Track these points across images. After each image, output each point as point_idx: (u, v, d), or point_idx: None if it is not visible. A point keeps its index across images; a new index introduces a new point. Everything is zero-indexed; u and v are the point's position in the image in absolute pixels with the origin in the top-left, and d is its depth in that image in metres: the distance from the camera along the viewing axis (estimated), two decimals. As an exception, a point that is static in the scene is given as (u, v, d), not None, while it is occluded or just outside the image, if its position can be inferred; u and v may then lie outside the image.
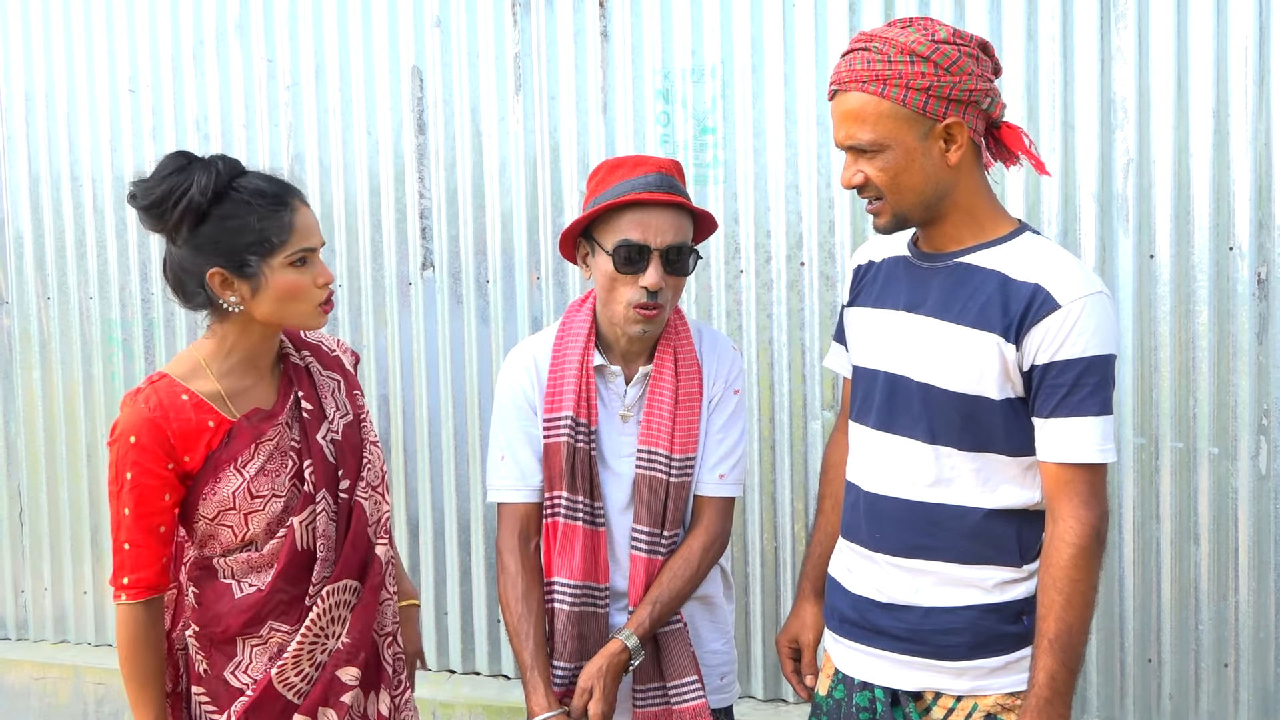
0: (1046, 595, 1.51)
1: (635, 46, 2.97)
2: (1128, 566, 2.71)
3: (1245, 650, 2.66)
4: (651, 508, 1.77)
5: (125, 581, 1.62)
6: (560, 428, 1.75)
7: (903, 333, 1.62)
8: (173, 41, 3.34)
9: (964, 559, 1.58)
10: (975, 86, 1.51)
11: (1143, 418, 2.67)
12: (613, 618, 1.79)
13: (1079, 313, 1.48)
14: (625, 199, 1.71)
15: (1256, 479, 2.62)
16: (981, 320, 1.53)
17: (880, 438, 1.64)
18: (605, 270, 1.74)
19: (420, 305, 3.18)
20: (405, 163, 3.17)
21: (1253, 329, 2.59)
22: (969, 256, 1.58)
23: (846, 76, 1.54)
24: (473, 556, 3.20)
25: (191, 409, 1.61)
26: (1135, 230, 2.65)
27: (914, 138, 1.52)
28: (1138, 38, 2.62)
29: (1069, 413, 1.49)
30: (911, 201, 1.56)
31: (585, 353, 1.76)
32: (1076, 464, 1.49)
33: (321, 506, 1.68)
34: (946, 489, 1.58)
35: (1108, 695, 2.75)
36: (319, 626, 1.67)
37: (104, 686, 3.42)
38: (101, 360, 3.49)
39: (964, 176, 1.57)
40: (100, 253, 3.47)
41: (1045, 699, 1.48)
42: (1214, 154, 2.59)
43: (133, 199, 1.57)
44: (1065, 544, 1.49)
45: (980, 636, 1.57)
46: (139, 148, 3.40)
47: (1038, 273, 1.52)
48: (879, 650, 1.64)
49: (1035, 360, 1.50)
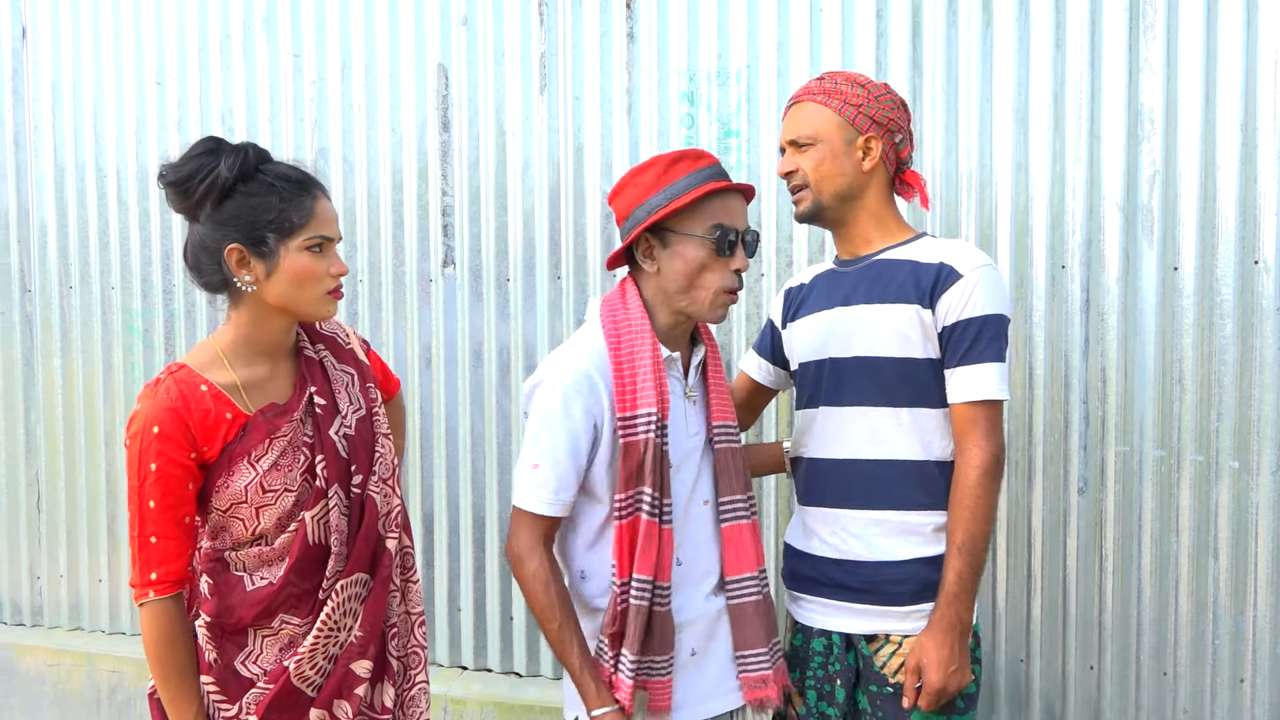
0: (955, 511, 1.83)
1: (661, 48, 2.97)
2: (1145, 579, 2.70)
3: (1261, 666, 2.64)
4: (737, 477, 1.87)
5: (153, 577, 1.61)
6: (640, 425, 1.73)
7: (840, 323, 1.95)
8: (200, 35, 3.35)
9: (905, 505, 1.89)
10: (893, 118, 1.94)
11: (1164, 430, 2.67)
12: (697, 607, 1.81)
13: (976, 280, 1.85)
14: (716, 186, 1.74)
15: (1277, 494, 2.60)
16: (900, 295, 1.88)
17: (830, 412, 1.95)
18: (695, 257, 1.76)
19: (441, 302, 3.19)
20: (429, 160, 3.18)
21: (1277, 343, 2.58)
22: (883, 255, 1.96)
23: (801, 93, 1.98)
24: (487, 554, 3.20)
25: (211, 399, 1.62)
26: (1160, 242, 2.64)
27: (840, 140, 1.92)
28: (1166, 49, 2.62)
29: (973, 360, 1.84)
30: (829, 190, 1.93)
31: (655, 347, 1.76)
32: (980, 400, 1.83)
33: (334, 501, 1.69)
34: (888, 445, 1.89)
35: (1121, 707, 2.74)
36: (334, 620, 1.69)
37: (117, 674, 3.43)
38: (121, 350, 3.51)
39: (875, 186, 1.95)
40: (123, 243, 3.48)
41: (954, 593, 1.81)
42: (1241, 167, 2.58)
43: (161, 176, 1.61)
44: (971, 468, 1.82)
45: (921, 585, 1.88)
46: (164, 140, 3.41)
47: (940, 254, 1.90)
48: (838, 602, 1.94)
49: (945, 321, 1.86)
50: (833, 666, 1.94)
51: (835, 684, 1.92)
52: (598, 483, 1.78)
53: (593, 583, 1.82)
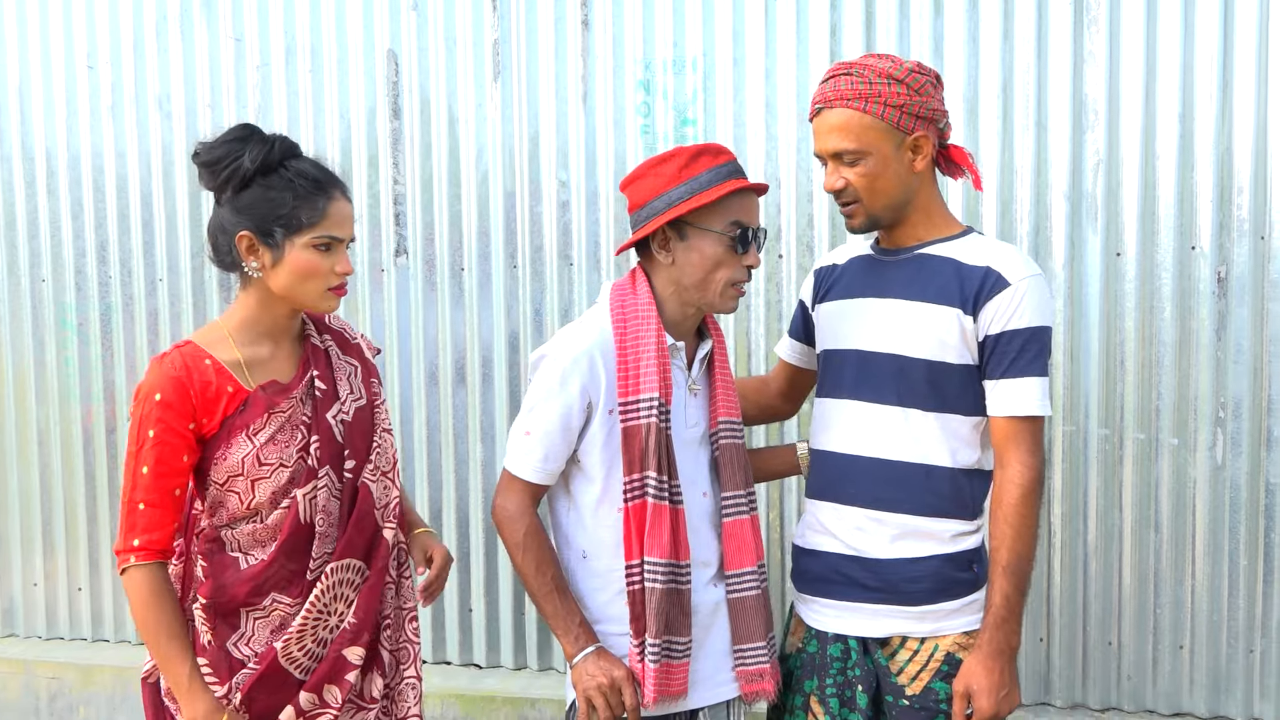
0: (999, 529, 1.76)
1: (616, 36, 2.97)
2: (1091, 553, 2.81)
3: (1200, 632, 2.78)
4: (739, 473, 1.88)
5: (136, 543, 1.65)
6: (643, 409, 1.77)
7: (873, 315, 1.87)
8: (134, 16, 3.23)
9: (927, 512, 1.82)
10: (936, 107, 1.81)
11: (1107, 410, 2.77)
12: (696, 594, 1.82)
13: (1025, 290, 1.77)
14: (740, 184, 1.78)
15: (1213, 469, 2.73)
16: (942, 297, 1.80)
17: (854, 406, 1.87)
18: (711, 251, 1.79)
19: (393, 292, 3.15)
20: (379, 147, 3.12)
21: (1212, 326, 2.70)
22: (926, 249, 1.86)
23: (832, 95, 1.80)
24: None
25: (213, 373, 1.69)
26: (1103, 229, 2.74)
27: (889, 148, 1.79)
28: (1109, 41, 2.71)
29: (1017, 374, 1.77)
30: (884, 204, 1.82)
31: (660, 334, 1.80)
32: (1023, 416, 1.77)
33: (324, 482, 1.74)
34: (915, 447, 1.81)
35: (1070, 677, 2.85)
36: (323, 603, 1.73)
37: (57, 681, 3.32)
38: (55, 345, 3.38)
39: (925, 183, 1.84)
40: (54, 234, 3.35)
41: (1002, 617, 1.75)
42: (1179, 157, 2.69)
43: (196, 155, 1.71)
44: (1015, 485, 1.76)
45: (940, 582, 1.82)
46: (97, 126, 3.29)
47: (987, 258, 1.80)
48: (851, 602, 1.86)
49: (989, 330, 1.78)
50: (853, 672, 1.84)
51: (857, 689, 1.82)
52: (589, 460, 1.83)
53: (594, 562, 1.85)
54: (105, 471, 3.37)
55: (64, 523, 3.43)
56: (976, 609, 1.83)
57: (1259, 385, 2.70)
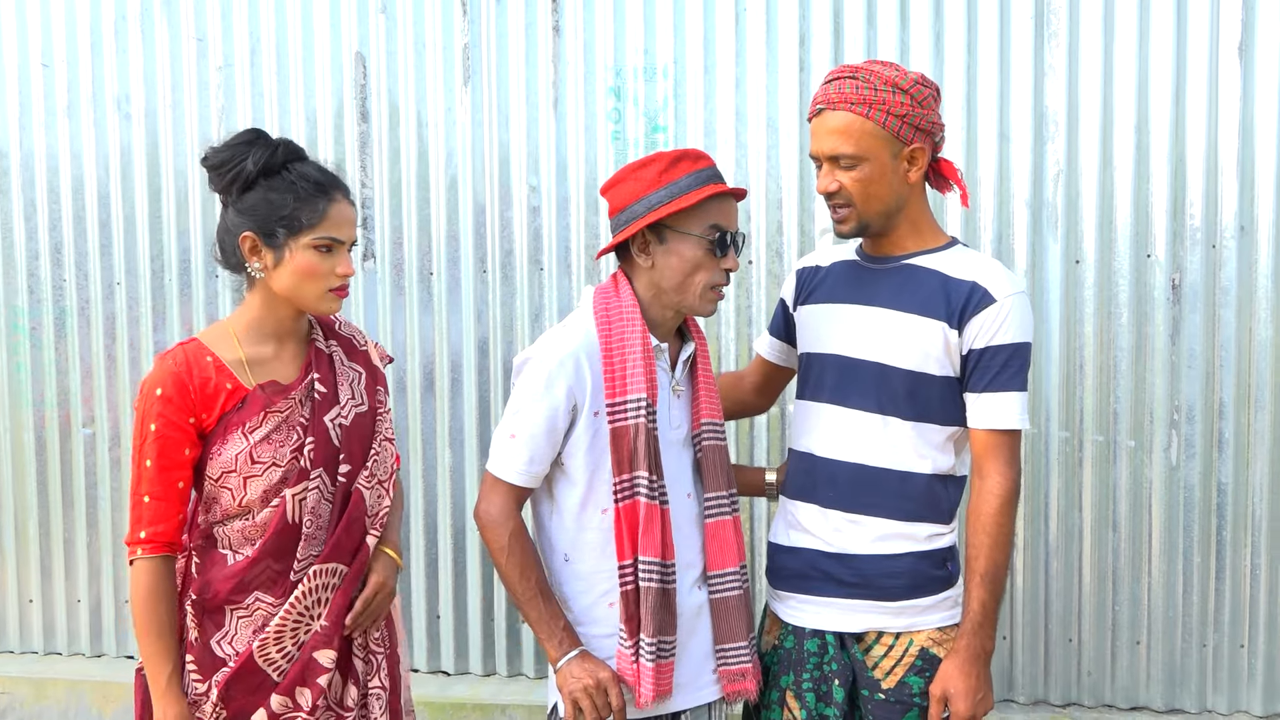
0: (977, 538, 1.80)
1: (587, 42, 2.98)
2: (1051, 552, 2.89)
3: (1156, 628, 2.87)
4: (721, 474, 1.90)
5: (143, 535, 1.69)
6: (630, 410, 1.78)
7: (857, 322, 1.88)
8: (91, 14, 3.17)
9: (903, 516, 1.85)
10: (935, 121, 1.83)
11: (1067, 412, 2.85)
12: (680, 596, 1.83)
13: (1010, 308, 1.80)
14: (720, 189, 1.80)
15: (1168, 470, 2.82)
16: (927, 309, 1.82)
17: (834, 410, 1.89)
18: (690, 255, 1.80)
19: (361, 297, 3.12)
20: (346, 151, 3.09)
21: (1167, 331, 2.80)
22: (913, 260, 1.87)
23: (835, 98, 1.81)
24: (412, 553, 3.15)
25: (214, 370, 1.73)
26: (1063, 237, 2.82)
27: (887, 155, 1.80)
28: (1069, 54, 2.79)
29: (999, 388, 1.81)
30: (876, 210, 1.84)
31: (646, 336, 1.81)
32: (1003, 429, 1.81)
33: (316, 484, 1.76)
34: (892, 454, 1.85)
35: (1032, 674, 2.92)
36: (303, 605, 1.75)
37: (8, 695, 3.22)
38: (6, 349, 3.29)
39: (915, 195, 1.87)
40: (5, 235, 3.26)
41: (979, 623, 1.79)
42: (1135, 168, 2.78)
43: (204, 159, 1.75)
44: (993, 496, 1.80)
45: (916, 579, 1.85)
46: (52, 126, 3.21)
47: (973, 273, 1.83)
48: (827, 598, 1.89)
49: (973, 345, 1.81)
50: (829, 667, 1.87)
51: (833, 684, 1.86)
52: (573, 463, 1.83)
53: (577, 565, 1.85)
54: (58, 480, 3.29)
55: (14, 532, 3.33)
56: (950, 605, 1.87)
57: (1210, 389, 2.79)
